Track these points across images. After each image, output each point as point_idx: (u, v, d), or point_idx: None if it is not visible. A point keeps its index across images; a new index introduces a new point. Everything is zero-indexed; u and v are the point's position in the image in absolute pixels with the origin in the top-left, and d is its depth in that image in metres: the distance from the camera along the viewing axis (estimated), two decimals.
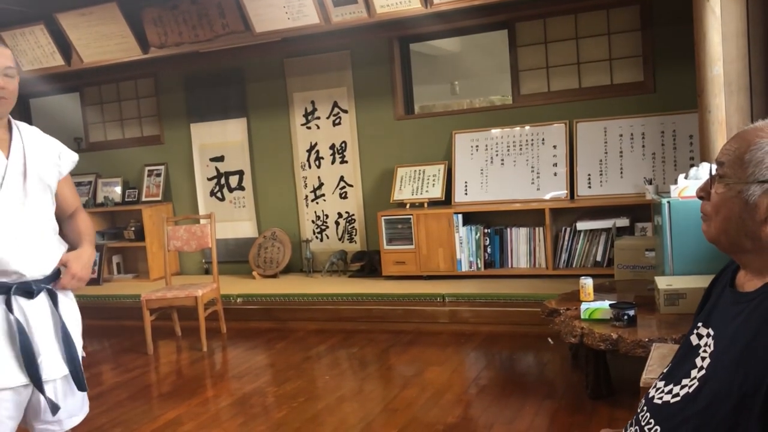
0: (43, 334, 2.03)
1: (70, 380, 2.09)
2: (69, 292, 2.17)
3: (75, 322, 2.16)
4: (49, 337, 2.04)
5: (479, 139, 5.56)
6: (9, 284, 1.97)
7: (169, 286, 5.01)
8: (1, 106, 2.00)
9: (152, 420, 3.56)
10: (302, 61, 6.12)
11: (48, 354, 2.03)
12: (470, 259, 5.34)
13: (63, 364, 2.06)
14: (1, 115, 2.02)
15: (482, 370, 4.01)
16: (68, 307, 2.14)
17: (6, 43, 2.09)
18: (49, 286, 2.05)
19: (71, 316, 2.15)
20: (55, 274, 2.09)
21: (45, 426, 2.10)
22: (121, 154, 7.00)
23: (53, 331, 2.05)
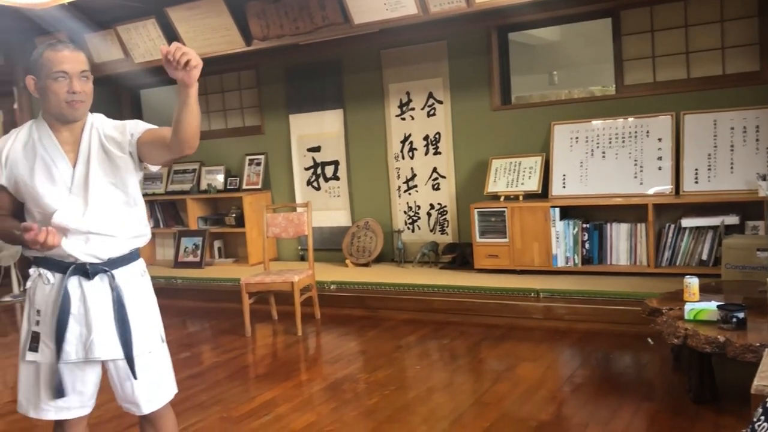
0: (98, 314, 2.10)
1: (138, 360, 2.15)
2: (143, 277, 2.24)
3: (143, 308, 2.20)
4: (105, 319, 2.11)
5: (579, 131, 5.40)
6: (66, 264, 2.09)
7: (267, 271, 5.16)
8: (79, 109, 2.08)
9: (249, 400, 3.68)
10: (399, 52, 6.14)
11: (100, 334, 2.10)
12: (567, 255, 5.21)
13: (117, 348, 2.12)
14: (78, 117, 2.10)
15: (577, 368, 3.91)
16: (136, 292, 2.19)
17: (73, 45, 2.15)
18: (108, 268, 2.11)
19: (138, 301, 2.19)
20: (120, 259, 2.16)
21: (126, 405, 2.23)
22: (223, 144, 7.26)
23: (110, 313, 2.11)
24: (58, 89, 2.03)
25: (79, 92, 2.05)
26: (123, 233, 2.15)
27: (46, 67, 2.03)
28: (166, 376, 2.26)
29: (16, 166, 2.10)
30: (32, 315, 2.14)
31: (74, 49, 2.08)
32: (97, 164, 2.10)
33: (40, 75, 2.05)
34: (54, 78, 2.03)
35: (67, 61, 2.04)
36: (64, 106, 2.05)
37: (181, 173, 7.44)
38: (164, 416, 2.29)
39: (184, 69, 1.83)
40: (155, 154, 2.12)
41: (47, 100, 2.06)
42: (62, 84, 2.03)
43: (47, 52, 2.05)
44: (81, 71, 2.06)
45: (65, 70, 2.03)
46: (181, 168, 7.46)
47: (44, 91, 2.05)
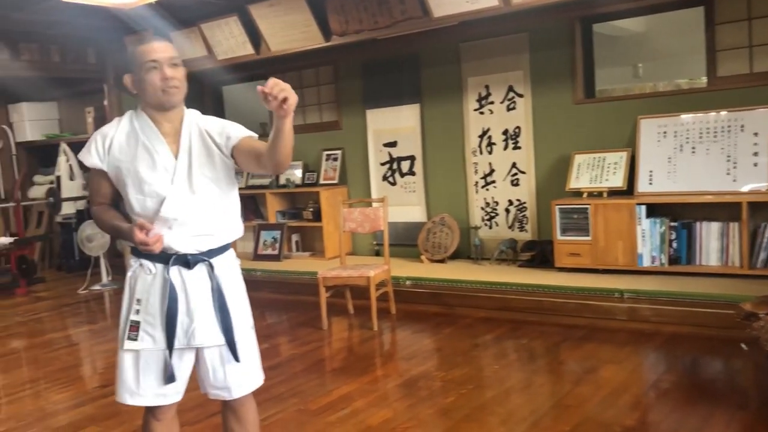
0: (198, 302, 2.16)
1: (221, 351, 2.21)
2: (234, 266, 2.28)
3: (237, 295, 2.26)
4: (205, 306, 2.17)
5: (667, 125, 5.17)
6: (168, 255, 2.15)
7: (344, 266, 5.18)
8: (175, 95, 2.13)
9: (326, 394, 3.70)
10: (478, 45, 6.04)
11: (202, 322, 2.16)
12: (653, 254, 4.99)
13: (218, 334, 2.18)
14: (175, 103, 2.15)
15: (663, 372, 3.74)
16: (231, 281, 2.25)
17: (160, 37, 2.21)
18: (207, 258, 2.17)
19: (233, 289, 2.25)
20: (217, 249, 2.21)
21: (216, 391, 2.27)
22: (301, 139, 7.28)
23: (210, 300, 2.17)
24: (153, 78, 2.10)
25: (171, 78, 2.11)
26: (221, 227, 2.21)
27: (138, 60, 2.11)
28: (254, 362, 2.31)
29: (119, 153, 2.16)
30: (132, 304, 2.20)
31: (161, 40, 2.17)
32: (198, 158, 2.16)
33: (135, 70, 2.12)
34: (147, 69, 2.10)
35: (156, 50, 2.10)
36: (161, 94, 2.11)
37: None
38: (247, 405, 2.32)
39: (281, 104, 1.85)
40: (246, 163, 2.16)
41: (145, 92, 2.13)
42: (155, 73, 2.10)
43: (138, 46, 2.14)
44: (170, 58, 2.13)
45: (155, 59, 2.10)
46: None
47: (141, 84, 2.12)
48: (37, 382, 4.33)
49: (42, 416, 3.70)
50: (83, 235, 7.23)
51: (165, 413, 2.28)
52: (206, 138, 2.17)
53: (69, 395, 4.01)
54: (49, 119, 9.08)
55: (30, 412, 3.77)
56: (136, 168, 2.13)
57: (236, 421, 2.33)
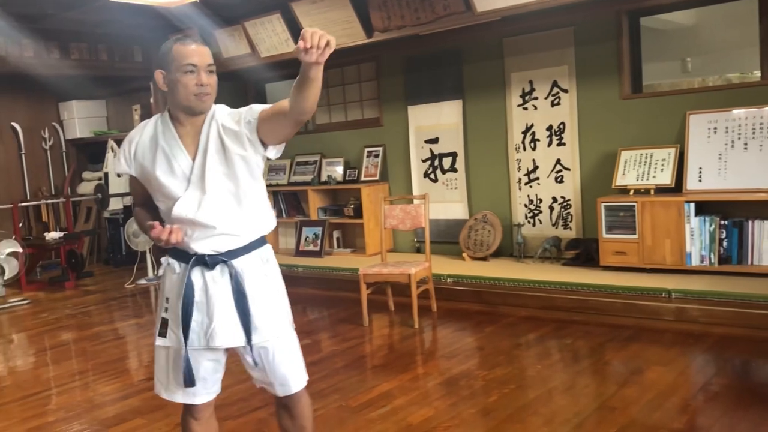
0: (218, 303, 2.15)
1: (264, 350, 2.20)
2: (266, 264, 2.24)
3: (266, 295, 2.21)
4: (225, 307, 2.15)
5: (718, 121, 5.02)
6: (189, 255, 2.16)
7: (385, 263, 5.17)
8: (206, 102, 2.12)
9: (366, 391, 3.69)
10: (522, 40, 5.95)
11: (221, 323, 2.15)
12: (702, 253, 4.86)
13: (240, 335, 2.16)
14: (205, 109, 2.14)
15: (713, 375, 3.63)
16: (257, 280, 2.20)
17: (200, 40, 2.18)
18: (226, 259, 2.15)
19: (260, 288, 2.20)
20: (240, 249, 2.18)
21: (263, 386, 2.32)
22: (343, 136, 7.36)
23: (230, 301, 2.15)
24: (188, 82, 2.08)
25: (206, 85, 2.10)
26: (240, 226, 2.17)
27: (176, 60, 2.08)
28: (295, 361, 2.28)
29: (142, 158, 2.19)
30: (162, 302, 2.24)
31: (201, 43, 2.13)
32: (213, 157, 2.12)
33: (170, 68, 2.10)
34: (183, 71, 2.08)
35: (196, 54, 2.09)
36: (192, 99, 2.10)
37: (303, 165, 7.62)
38: (298, 402, 2.32)
39: (323, 51, 1.81)
40: (273, 129, 2.08)
41: (176, 93, 2.11)
42: (191, 77, 2.08)
43: (176, 46, 2.10)
44: (208, 64, 2.11)
45: (194, 63, 2.08)
46: (303, 160, 7.64)
47: (173, 84, 2.10)
48: (86, 374, 4.43)
49: (90, 408, 3.78)
50: (130, 230, 7.38)
51: (201, 412, 2.29)
52: (223, 134, 2.13)
53: (116, 387, 4.09)
54: (98, 117, 9.29)
55: (78, 403, 3.86)
56: (155, 172, 2.15)
57: (288, 417, 2.35)
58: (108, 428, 3.46)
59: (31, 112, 9.00)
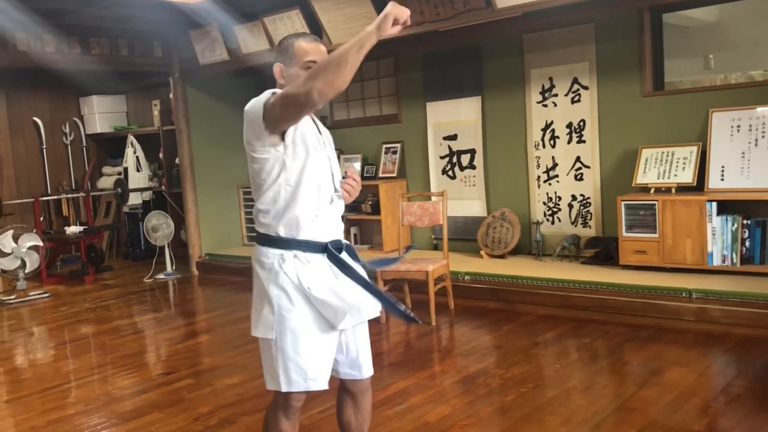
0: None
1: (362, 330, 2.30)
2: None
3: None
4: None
5: (741, 119, 4.94)
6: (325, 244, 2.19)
7: (402, 260, 5.15)
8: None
9: (383, 388, 3.68)
10: (542, 37, 5.90)
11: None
12: (724, 253, 4.79)
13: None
14: (320, 105, 2.07)
15: (735, 377, 3.58)
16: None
17: (318, 38, 2.24)
18: (347, 243, 2.26)
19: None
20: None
21: (350, 371, 2.32)
22: (361, 132, 7.35)
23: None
24: None
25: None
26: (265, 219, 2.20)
27: (297, 55, 2.15)
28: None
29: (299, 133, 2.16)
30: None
31: (320, 42, 2.22)
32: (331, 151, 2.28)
33: (290, 63, 2.17)
34: (305, 66, 2.13)
35: (317, 52, 2.17)
36: None
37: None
38: (367, 393, 2.37)
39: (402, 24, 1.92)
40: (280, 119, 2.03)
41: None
42: None
43: (299, 42, 2.17)
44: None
45: (315, 60, 2.14)
46: None
47: (292, 78, 2.14)
48: (104, 368, 4.46)
49: (108, 401, 3.81)
50: (149, 225, 7.43)
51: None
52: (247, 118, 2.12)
53: (134, 381, 4.12)
54: (118, 112, 9.36)
55: (97, 396, 3.89)
56: (305, 153, 2.17)
57: (354, 407, 2.35)
58: (126, 422, 3.49)
59: (52, 107, 9.09)
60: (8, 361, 4.85)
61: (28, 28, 6.45)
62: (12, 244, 6.72)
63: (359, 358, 2.29)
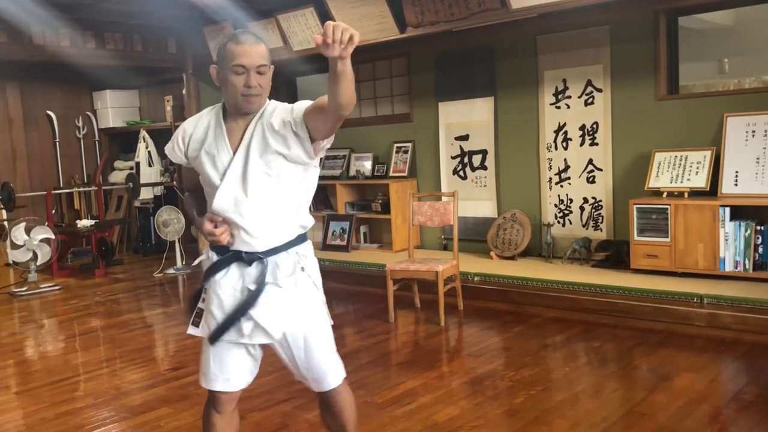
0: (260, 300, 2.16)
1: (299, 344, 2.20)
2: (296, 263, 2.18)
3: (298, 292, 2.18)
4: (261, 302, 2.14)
5: (757, 124, 4.91)
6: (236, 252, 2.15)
7: (412, 259, 5.15)
8: (254, 103, 2.11)
9: (391, 387, 3.68)
10: (556, 38, 5.88)
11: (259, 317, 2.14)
12: (736, 259, 4.76)
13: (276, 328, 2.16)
14: (253, 110, 2.12)
15: (746, 384, 3.55)
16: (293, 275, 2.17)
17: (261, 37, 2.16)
18: (262, 256, 2.12)
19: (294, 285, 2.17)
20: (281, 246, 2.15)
21: (301, 380, 2.31)
22: (372, 131, 7.34)
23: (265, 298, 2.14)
24: (236, 82, 2.07)
25: (254, 86, 2.08)
26: (276, 225, 2.15)
27: (227, 58, 2.07)
28: (327, 358, 2.29)
29: (193, 150, 2.21)
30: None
31: (255, 42, 2.09)
32: (255, 155, 2.10)
33: (222, 66, 2.10)
34: (233, 71, 2.06)
35: (246, 55, 2.05)
36: (240, 99, 2.09)
37: (332, 159, 7.62)
38: (338, 397, 2.31)
39: (346, 46, 1.74)
40: (318, 125, 2.04)
41: (226, 91, 2.12)
42: (240, 78, 2.07)
43: (230, 44, 2.08)
44: (258, 65, 2.07)
45: (243, 64, 2.05)
46: (332, 154, 7.64)
47: (224, 82, 2.11)
48: (113, 362, 4.48)
49: (117, 395, 3.82)
50: (160, 219, 7.45)
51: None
52: (266, 134, 2.10)
53: (143, 376, 4.13)
54: (131, 107, 9.40)
55: (106, 390, 3.90)
56: (203, 165, 2.16)
57: (329, 413, 2.34)
58: (135, 416, 3.50)
59: (65, 101, 9.14)
60: (19, 352, 4.88)
61: (44, 21, 6.49)
62: (24, 236, 6.76)
63: (303, 373, 2.24)
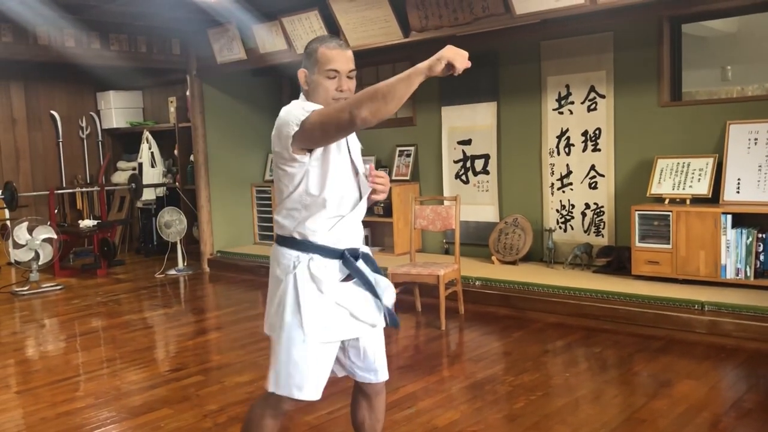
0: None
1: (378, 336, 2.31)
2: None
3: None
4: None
5: (759, 131, 4.91)
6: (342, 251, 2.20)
7: (413, 263, 5.15)
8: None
9: (392, 391, 3.67)
10: (560, 44, 5.89)
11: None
12: (737, 266, 4.76)
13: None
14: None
15: (746, 391, 3.55)
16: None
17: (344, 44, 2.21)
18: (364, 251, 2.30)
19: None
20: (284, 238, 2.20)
21: (364, 374, 2.33)
22: (375, 134, 7.34)
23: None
24: (329, 86, 2.11)
25: (345, 90, 2.13)
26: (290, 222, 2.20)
27: (320, 63, 2.11)
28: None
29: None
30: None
31: (345, 48, 2.15)
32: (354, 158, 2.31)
33: (313, 70, 2.13)
34: (326, 75, 2.11)
35: (340, 59, 2.12)
36: (331, 102, 2.11)
37: None
38: (381, 395, 2.39)
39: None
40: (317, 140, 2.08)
41: (316, 94, 2.13)
42: (333, 82, 2.11)
43: (322, 48, 2.12)
44: (350, 70, 2.14)
45: (337, 69, 2.11)
46: None
47: (315, 85, 2.13)
48: (114, 362, 4.49)
49: (118, 395, 3.83)
50: (162, 221, 7.47)
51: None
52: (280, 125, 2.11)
53: (144, 376, 4.14)
54: (134, 107, 9.42)
55: (107, 391, 3.91)
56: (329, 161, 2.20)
57: (369, 409, 2.38)
58: (135, 417, 3.50)
59: (69, 101, 9.17)
60: (20, 352, 4.89)
61: (49, 22, 6.51)
62: (26, 235, 6.78)
63: (375, 363, 2.30)
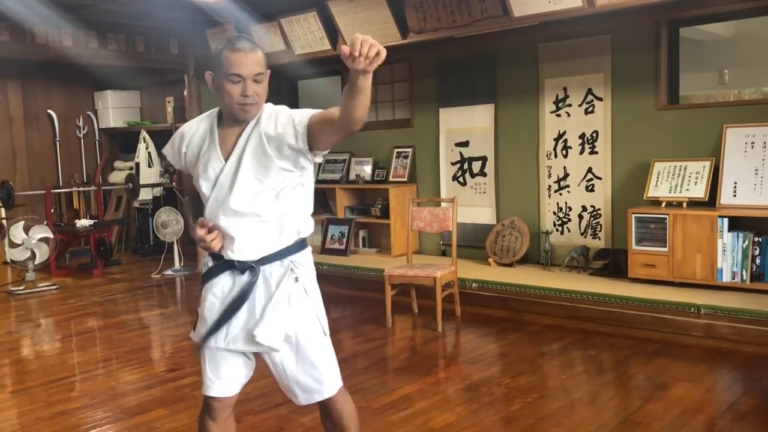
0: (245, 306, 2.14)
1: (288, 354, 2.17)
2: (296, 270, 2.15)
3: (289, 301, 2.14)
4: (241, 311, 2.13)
5: (756, 135, 4.92)
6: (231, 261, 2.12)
7: (410, 264, 5.16)
8: (250, 111, 2.07)
9: (388, 393, 3.68)
10: (558, 46, 5.90)
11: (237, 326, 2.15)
12: (734, 269, 4.77)
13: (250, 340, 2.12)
14: (248, 118, 2.09)
15: (742, 395, 3.56)
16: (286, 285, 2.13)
17: (258, 43, 2.13)
18: (254, 266, 2.10)
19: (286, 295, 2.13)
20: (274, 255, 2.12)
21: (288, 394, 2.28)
22: (373, 136, 7.35)
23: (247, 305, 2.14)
24: (232, 91, 2.03)
25: (251, 95, 2.04)
26: (267, 233, 2.11)
27: (223, 66, 2.03)
28: (323, 368, 2.26)
29: (189, 156, 2.21)
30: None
31: (251, 50, 2.04)
32: (247, 163, 2.07)
33: (218, 72, 2.05)
34: (229, 80, 2.03)
35: (243, 63, 2.02)
36: (236, 107, 2.06)
37: (332, 163, 7.63)
38: (334, 408, 2.26)
39: (371, 61, 1.73)
40: (324, 138, 2.02)
41: (222, 99, 2.08)
42: (236, 87, 2.03)
43: (225, 51, 2.03)
44: (255, 74, 2.03)
45: (240, 74, 2.02)
46: (332, 158, 7.65)
47: (220, 89, 2.07)
48: (110, 362, 4.48)
49: (113, 396, 3.82)
50: (158, 220, 7.46)
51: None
52: (264, 141, 2.06)
53: (139, 377, 4.13)
54: (132, 107, 9.40)
55: (102, 391, 3.90)
56: (198, 171, 2.16)
57: (329, 421, 2.29)
58: (131, 417, 3.50)
59: (67, 100, 9.15)
60: (15, 351, 4.88)
61: (47, 20, 6.50)
62: (23, 235, 6.76)
63: (291, 386, 2.22)
